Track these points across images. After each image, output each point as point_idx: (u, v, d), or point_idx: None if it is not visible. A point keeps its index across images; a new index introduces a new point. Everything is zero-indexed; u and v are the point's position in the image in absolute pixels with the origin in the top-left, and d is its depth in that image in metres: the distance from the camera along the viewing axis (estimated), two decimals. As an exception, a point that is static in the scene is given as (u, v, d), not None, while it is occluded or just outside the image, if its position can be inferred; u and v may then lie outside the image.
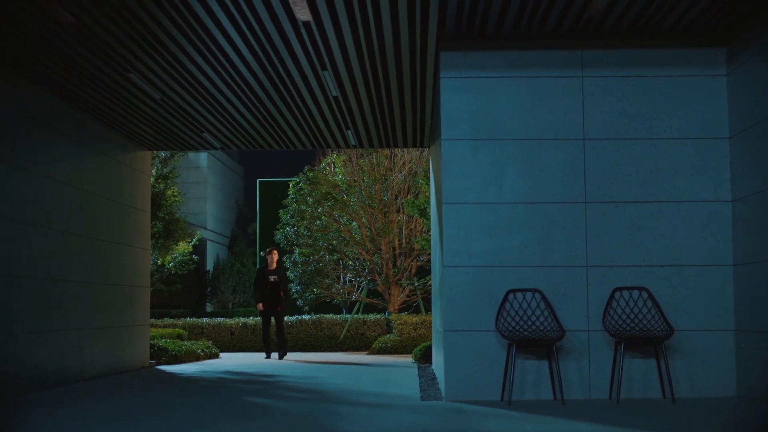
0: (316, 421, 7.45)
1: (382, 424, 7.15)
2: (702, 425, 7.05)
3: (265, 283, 17.04)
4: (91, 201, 12.34)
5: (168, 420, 7.60)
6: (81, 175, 12.07)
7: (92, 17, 8.41)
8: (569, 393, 8.93)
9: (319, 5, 8.20)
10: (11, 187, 10.13)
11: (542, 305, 8.97)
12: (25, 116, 10.48)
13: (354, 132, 13.53)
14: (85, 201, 12.14)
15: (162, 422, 7.45)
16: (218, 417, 7.71)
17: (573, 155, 9.14)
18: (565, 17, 8.59)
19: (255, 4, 8.18)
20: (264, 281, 17.05)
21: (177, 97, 11.19)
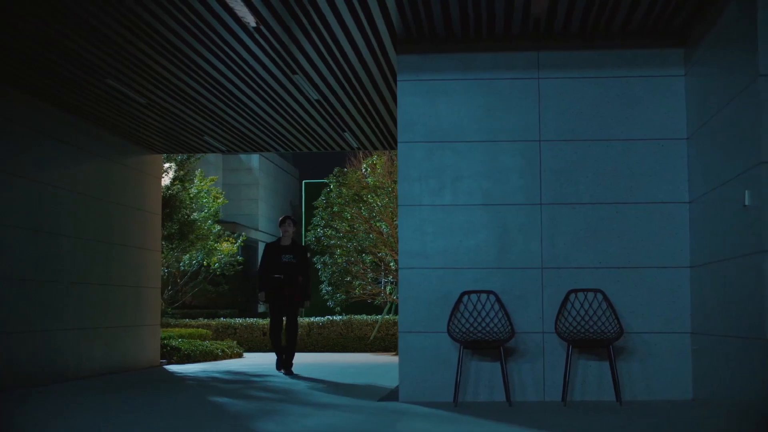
0: (248, 419, 7.58)
1: (305, 423, 7.26)
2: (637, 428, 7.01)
3: (275, 264, 12.49)
4: (91, 204, 12.65)
5: (85, 417, 7.82)
6: (81, 180, 12.39)
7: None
8: (524, 395, 8.93)
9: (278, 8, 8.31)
10: (7, 192, 10.46)
11: (496, 307, 8.99)
12: (28, 127, 10.82)
13: (352, 135, 13.64)
14: (84, 204, 12.46)
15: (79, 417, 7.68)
16: (150, 414, 7.90)
17: (529, 157, 9.13)
18: (511, 18, 8.58)
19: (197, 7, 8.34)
20: (274, 261, 12.49)
21: (171, 102, 11.44)
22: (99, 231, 12.94)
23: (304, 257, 12.58)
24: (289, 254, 12.48)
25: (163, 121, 12.51)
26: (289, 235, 12.60)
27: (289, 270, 12.42)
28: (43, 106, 11.38)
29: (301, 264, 12.50)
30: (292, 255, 12.48)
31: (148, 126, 12.85)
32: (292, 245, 12.61)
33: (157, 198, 15.06)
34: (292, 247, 12.59)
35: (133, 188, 14.07)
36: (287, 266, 12.43)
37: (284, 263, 12.44)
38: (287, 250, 12.53)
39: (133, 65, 9.91)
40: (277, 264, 12.42)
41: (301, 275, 12.49)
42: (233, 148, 14.87)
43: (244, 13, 8.27)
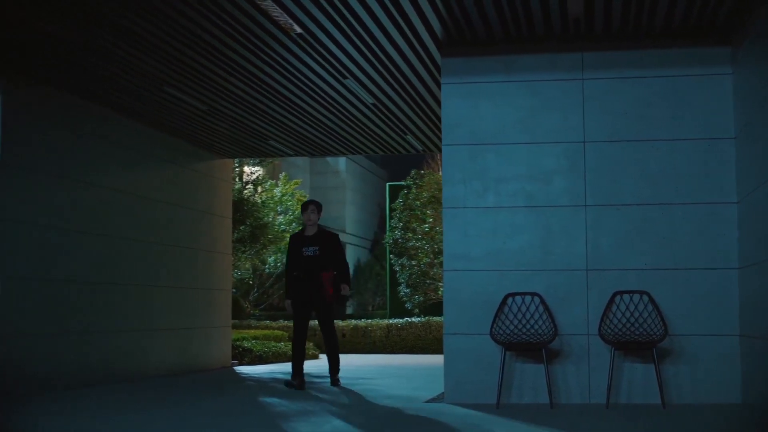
0: (284, 419, 7.72)
1: (335, 424, 7.36)
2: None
3: (298, 260, 10.58)
4: (160, 209, 12.98)
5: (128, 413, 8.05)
6: (149, 185, 12.73)
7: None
8: (568, 398, 8.89)
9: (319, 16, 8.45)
10: (67, 196, 10.87)
11: (540, 309, 8.96)
12: (93, 134, 11.18)
13: (414, 137, 13.72)
14: (153, 209, 12.80)
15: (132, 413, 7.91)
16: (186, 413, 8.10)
17: (573, 158, 9.09)
18: (550, 19, 8.55)
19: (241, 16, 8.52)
20: (296, 256, 10.59)
21: (231, 108, 11.70)
22: (169, 235, 13.27)
23: (333, 247, 10.61)
24: (312, 246, 10.50)
25: (226, 126, 12.78)
26: (313, 224, 10.66)
27: (311, 265, 10.46)
28: (108, 114, 11.72)
29: (330, 256, 10.54)
30: (317, 247, 10.47)
31: (214, 132, 13.13)
32: (318, 235, 10.60)
33: (228, 202, 15.37)
34: (318, 237, 10.58)
35: (202, 192, 14.38)
36: (309, 261, 10.46)
37: (306, 258, 10.49)
38: (311, 241, 10.53)
39: (190, 74, 10.16)
40: (299, 259, 10.54)
41: (334, 268, 10.57)
42: (300, 152, 15.10)
43: (285, 20, 8.41)
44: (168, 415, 8.22)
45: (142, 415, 8.20)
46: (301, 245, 10.53)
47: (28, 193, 10.16)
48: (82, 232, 11.13)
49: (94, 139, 11.45)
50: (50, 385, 10.35)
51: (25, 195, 10.12)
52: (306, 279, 10.48)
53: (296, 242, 10.62)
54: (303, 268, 10.50)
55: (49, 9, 8.15)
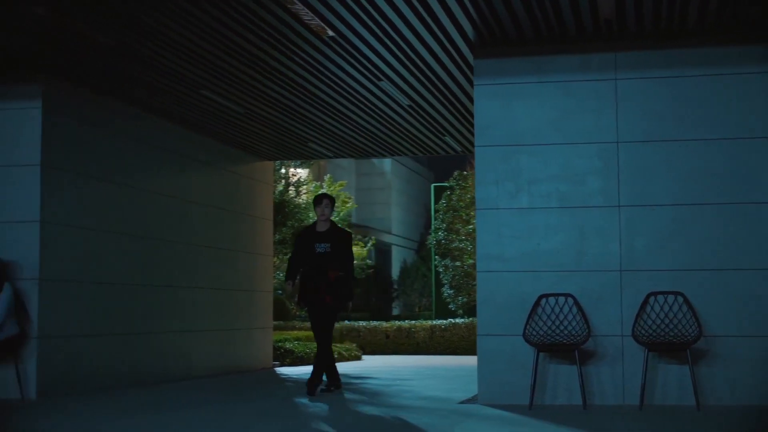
0: (312, 419, 7.79)
1: (364, 425, 7.41)
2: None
3: (307, 255, 9.93)
4: (201, 211, 13.13)
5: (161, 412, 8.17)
6: (191, 188, 12.89)
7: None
8: (603, 399, 8.85)
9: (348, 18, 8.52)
10: (110, 199, 11.05)
11: (574, 310, 8.94)
12: (136, 138, 11.36)
13: (453, 138, 13.74)
14: (195, 211, 12.95)
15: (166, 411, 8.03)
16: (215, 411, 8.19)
17: (606, 159, 9.05)
18: (581, 20, 8.52)
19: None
20: (306, 251, 9.95)
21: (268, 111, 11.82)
22: (210, 237, 13.41)
23: (344, 245, 10.00)
24: (324, 242, 9.89)
25: (264, 129, 12.89)
26: (326, 218, 10.03)
27: (322, 263, 9.84)
28: (148, 117, 11.89)
29: (340, 255, 9.92)
30: (329, 244, 9.87)
31: (253, 134, 13.25)
32: (330, 231, 10.00)
33: (268, 204, 15.49)
34: (330, 233, 9.98)
35: (243, 195, 14.52)
36: (320, 258, 9.83)
37: (317, 255, 9.85)
38: (322, 237, 9.93)
39: (227, 78, 10.28)
40: (309, 255, 9.90)
41: (341, 269, 9.90)
42: (340, 154, 15.19)
43: (317, 23, 8.48)
44: (201, 415, 8.32)
45: (177, 414, 8.32)
46: (312, 241, 9.91)
47: (69, 196, 10.33)
48: (123, 235, 11.30)
49: (135, 142, 11.62)
50: (92, 385, 10.51)
51: (67, 198, 10.29)
52: (314, 278, 9.81)
53: (307, 237, 10.01)
54: (313, 265, 9.84)
55: (91, 17, 8.29)
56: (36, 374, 9.68)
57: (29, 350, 9.69)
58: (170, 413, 8.41)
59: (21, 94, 9.96)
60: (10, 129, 9.97)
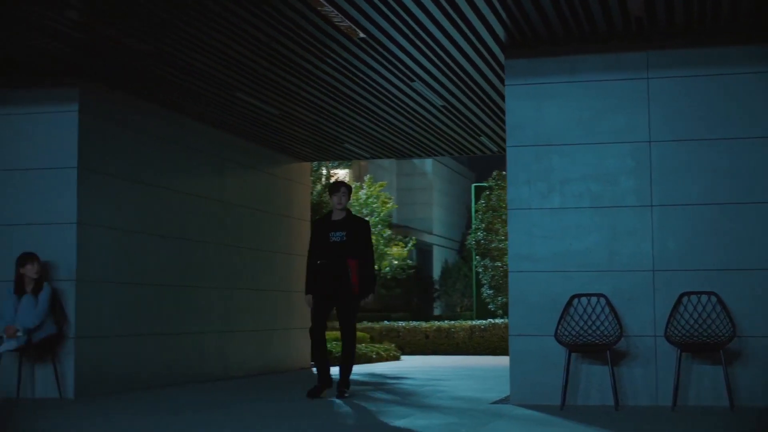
0: (342, 419, 7.83)
1: (394, 425, 7.44)
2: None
3: (322, 246, 9.53)
4: (238, 213, 13.24)
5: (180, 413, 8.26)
6: (227, 189, 13.00)
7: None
8: (636, 399, 8.82)
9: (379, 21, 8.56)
10: (146, 201, 11.19)
11: (607, 310, 8.91)
12: (172, 141, 11.49)
13: (488, 138, 13.74)
14: (232, 213, 13.07)
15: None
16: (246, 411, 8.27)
17: (638, 158, 9.01)
18: (611, 19, 8.49)
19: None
20: (322, 243, 9.53)
21: (302, 112, 11.90)
22: (246, 238, 13.51)
23: (361, 234, 9.52)
24: (340, 231, 9.45)
25: (300, 130, 12.97)
26: (342, 207, 9.58)
27: (338, 252, 9.36)
28: (184, 120, 12.02)
29: (357, 244, 9.43)
30: (344, 232, 9.41)
31: (289, 135, 13.34)
32: (346, 219, 9.54)
33: (306, 204, 15.58)
34: (346, 222, 9.53)
35: (280, 196, 14.61)
36: (335, 248, 9.38)
37: (332, 244, 9.40)
38: (338, 225, 9.48)
39: (261, 81, 10.37)
40: (324, 245, 9.45)
41: (359, 257, 9.41)
42: (376, 155, 15.24)
43: (348, 25, 8.52)
44: (234, 414, 8.40)
45: (208, 414, 8.41)
46: (327, 230, 9.46)
47: (106, 198, 10.47)
48: (159, 236, 11.43)
49: (171, 144, 11.74)
50: (128, 385, 10.63)
51: (103, 200, 10.43)
52: (331, 267, 9.36)
53: (322, 227, 9.55)
54: (328, 255, 9.39)
55: (124, 22, 8.41)
56: (73, 374, 9.81)
57: (66, 350, 9.83)
58: (204, 413, 8.51)
59: (58, 98, 10.10)
60: (47, 132, 10.11)
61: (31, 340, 9.48)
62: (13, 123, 10.24)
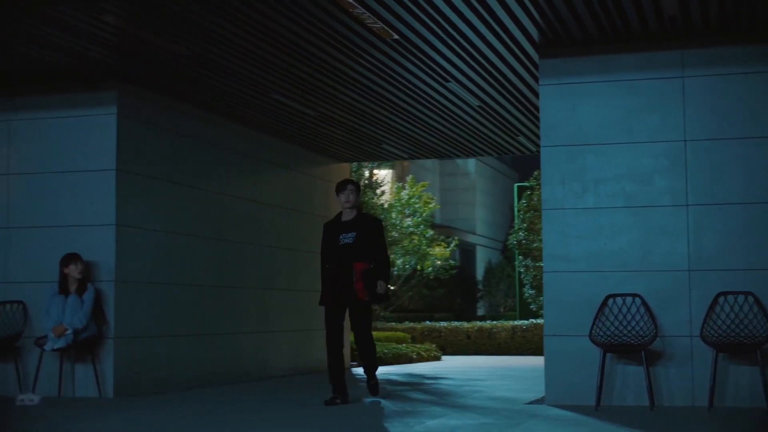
0: (380, 419, 7.88)
1: (428, 425, 7.46)
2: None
3: (331, 249, 9.02)
4: (275, 213, 13.34)
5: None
6: (264, 190, 13.10)
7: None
8: (672, 400, 8.76)
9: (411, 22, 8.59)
10: (183, 202, 11.31)
11: (642, 310, 8.86)
12: (209, 143, 11.61)
13: (526, 138, 13.71)
14: (268, 214, 13.16)
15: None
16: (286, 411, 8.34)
17: (673, 157, 8.96)
18: (645, 18, 8.44)
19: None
20: (331, 245, 9.02)
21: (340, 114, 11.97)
22: (285, 239, 13.61)
23: (373, 234, 8.95)
24: (350, 232, 8.90)
25: (337, 131, 13.04)
26: (351, 206, 9.03)
27: (347, 256, 8.82)
28: (221, 121, 12.12)
29: (368, 245, 8.89)
30: (354, 233, 8.87)
31: (326, 136, 13.41)
32: (356, 220, 9.01)
33: (344, 206, 15.61)
34: (357, 221, 8.99)
35: (318, 196, 14.68)
36: (344, 250, 8.84)
37: (341, 247, 8.87)
38: (348, 226, 8.96)
39: (297, 83, 10.45)
40: (333, 249, 8.94)
41: (371, 259, 8.89)
42: (415, 155, 15.27)
43: (381, 26, 8.56)
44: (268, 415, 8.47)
45: (243, 414, 8.49)
46: (337, 232, 8.95)
47: (144, 199, 10.59)
48: (197, 237, 11.54)
49: (208, 145, 11.85)
50: (167, 385, 10.75)
51: (141, 201, 10.55)
52: (341, 269, 8.83)
53: (331, 230, 9.05)
54: (337, 258, 8.85)
55: (160, 25, 8.51)
56: (113, 373, 9.93)
57: (106, 350, 9.97)
58: (239, 414, 8.59)
59: (96, 101, 10.24)
60: (86, 135, 10.25)
61: (75, 339, 9.61)
62: (53, 127, 10.39)
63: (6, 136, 10.53)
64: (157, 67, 9.88)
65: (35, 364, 9.86)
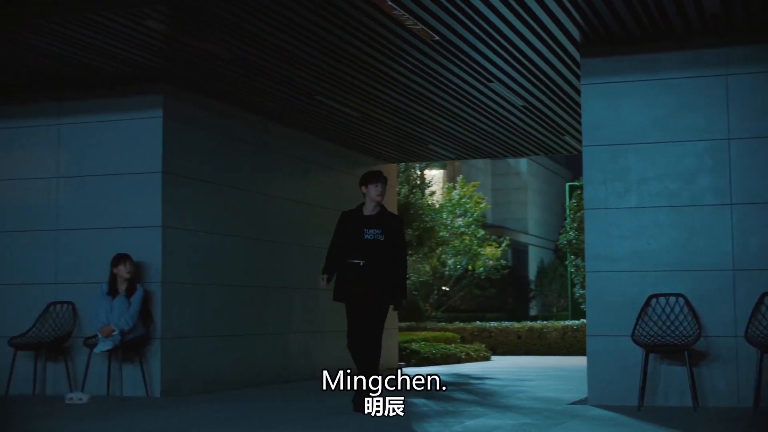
0: (420, 419, 7.90)
1: (467, 425, 7.48)
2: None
3: (354, 244, 8.34)
4: (320, 214, 13.41)
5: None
6: (310, 191, 13.19)
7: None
8: (717, 400, 8.68)
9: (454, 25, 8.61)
10: (228, 203, 11.43)
11: (685, 310, 8.80)
12: (253, 143, 11.73)
13: (572, 138, 13.65)
14: (314, 214, 13.24)
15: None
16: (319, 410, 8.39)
17: (717, 156, 8.88)
18: (687, 16, 8.38)
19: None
20: (352, 239, 8.37)
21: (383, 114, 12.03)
22: (329, 239, 13.62)
23: (397, 233, 8.45)
24: (375, 228, 8.30)
25: (382, 132, 13.08)
26: (375, 200, 8.43)
27: (375, 252, 8.26)
28: (266, 123, 12.22)
29: (393, 244, 8.36)
30: (381, 230, 8.29)
31: (371, 137, 13.46)
32: (381, 215, 8.43)
33: (392, 206, 15.64)
34: (382, 218, 8.41)
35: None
36: (372, 247, 8.26)
37: (366, 242, 8.26)
38: (373, 222, 8.34)
39: (340, 85, 10.53)
40: (357, 243, 8.29)
41: (395, 258, 8.35)
42: (461, 155, 15.29)
43: (421, 28, 8.59)
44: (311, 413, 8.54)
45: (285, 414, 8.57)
46: (360, 225, 8.32)
47: (189, 201, 10.71)
48: (242, 238, 11.65)
49: (252, 147, 11.96)
50: (213, 385, 10.86)
51: (187, 203, 10.68)
52: (368, 269, 8.24)
53: (351, 221, 8.42)
54: (366, 255, 8.25)
55: (202, 29, 8.64)
56: (160, 373, 10.07)
57: (153, 350, 10.10)
58: (282, 415, 8.66)
59: (142, 104, 10.39)
60: (132, 138, 10.41)
61: (122, 340, 9.76)
62: (101, 131, 10.56)
63: (55, 140, 10.73)
64: (200, 70, 10.01)
65: (84, 363, 10.03)
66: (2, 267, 10.77)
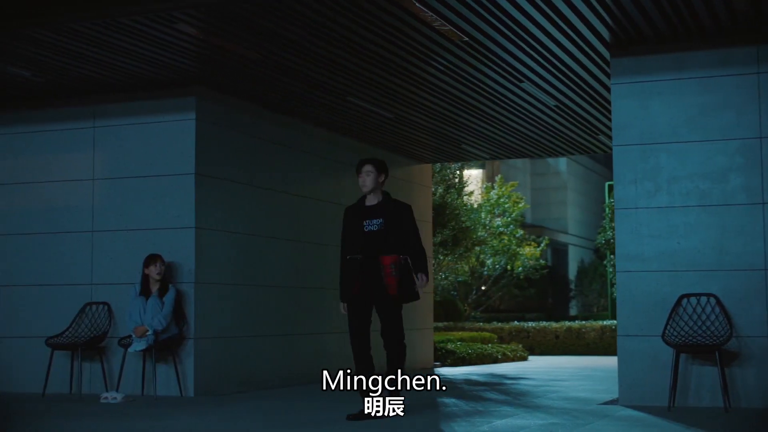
0: (448, 419, 7.93)
1: (494, 424, 7.49)
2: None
3: (354, 237, 7.84)
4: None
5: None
6: (344, 193, 13.23)
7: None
8: (749, 401, 8.62)
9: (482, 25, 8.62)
10: (261, 204, 11.51)
11: (717, 310, 8.75)
12: (287, 146, 11.82)
13: (606, 137, 13.60)
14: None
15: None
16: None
17: (749, 155, 8.82)
18: (715, 14, 8.34)
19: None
20: (353, 233, 7.87)
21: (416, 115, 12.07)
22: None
23: (403, 220, 7.85)
24: (375, 218, 7.78)
25: (415, 132, 13.12)
26: (371, 189, 7.94)
27: (374, 244, 7.70)
28: (298, 124, 12.29)
29: (397, 233, 7.77)
30: (381, 219, 7.75)
31: (404, 138, 13.49)
32: (382, 204, 7.91)
33: (427, 206, 15.70)
34: (383, 206, 7.88)
35: (401, 198, 14.66)
36: (370, 239, 7.73)
37: (366, 235, 7.75)
38: (373, 212, 7.83)
39: (371, 86, 10.57)
40: (357, 236, 7.79)
41: (402, 250, 7.75)
42: (496, 155, 15.28)
43: (449, 28, 8.61)
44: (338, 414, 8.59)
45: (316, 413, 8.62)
46: (360, 218, 7.83)
47: (222, 202, 10.81)
48: (275, 239, 11.73)
49: (285, 148, 12.04)
50: (247, 385, 10.95)
51: (220, 204, 10.78)
52: (366, 261, 7.72)
53: (353, 216, 7.91)
54: (364, 248, 7.72)
55: (235, 33, 8.72)
56: (193, 373, 10.17)
57: (187, 350, 10.21)
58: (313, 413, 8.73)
59: (176, 107, 10.51)
60: (166, 140, 10.53)
61: (156, 340, 9.87)
62: (135, 133, 10.70)
63: (91, 142, 10.88)
64: (232, 73, 10.10)
65: (120, 363, 10.17)
66: (40, 268, 10.94)
